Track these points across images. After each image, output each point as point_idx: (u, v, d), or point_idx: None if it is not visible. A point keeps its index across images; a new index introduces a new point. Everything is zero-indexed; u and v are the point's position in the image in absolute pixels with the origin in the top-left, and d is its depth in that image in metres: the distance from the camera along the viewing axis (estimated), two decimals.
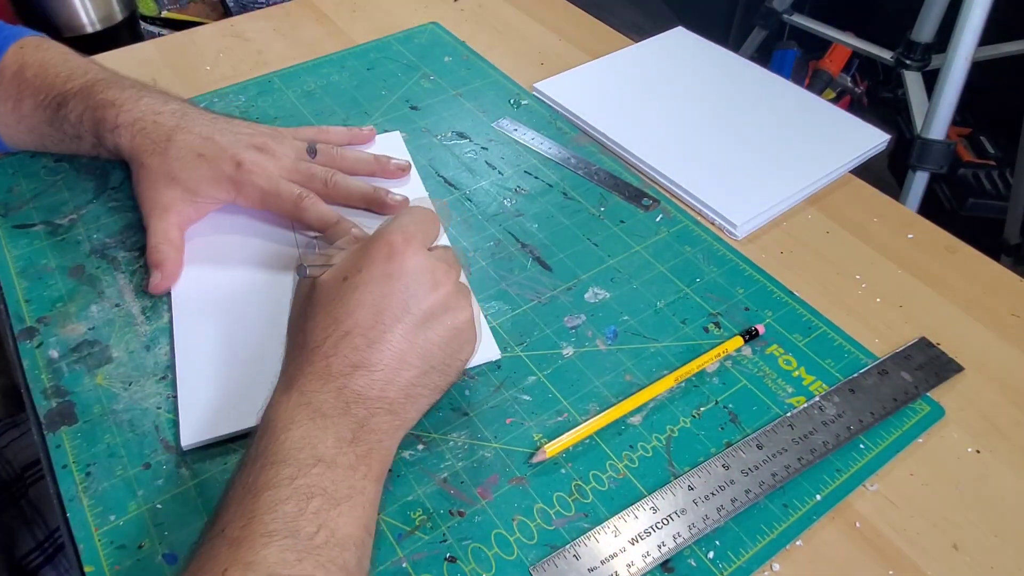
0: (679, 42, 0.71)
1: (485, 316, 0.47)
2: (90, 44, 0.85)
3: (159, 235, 0.48)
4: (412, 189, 0.56)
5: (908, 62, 1.30)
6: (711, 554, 0.36)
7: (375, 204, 0.52)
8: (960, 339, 0.47)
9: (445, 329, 0.37)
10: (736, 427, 0.42)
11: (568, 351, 0.45)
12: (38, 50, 0.54)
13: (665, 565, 0.36)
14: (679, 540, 0.36)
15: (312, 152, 0.53)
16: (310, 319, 0.37)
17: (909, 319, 0.48)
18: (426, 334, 0.37)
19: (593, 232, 0.53)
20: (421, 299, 0.37)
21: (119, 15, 0.87)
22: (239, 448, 0.40)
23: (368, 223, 0.49)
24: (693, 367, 0.44)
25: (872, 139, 0.60)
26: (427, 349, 0.37)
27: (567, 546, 0.36)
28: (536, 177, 0.57)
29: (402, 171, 0.56)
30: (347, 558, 0.31)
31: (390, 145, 0.59)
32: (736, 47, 1.60)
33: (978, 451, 0.41)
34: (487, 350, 0.44)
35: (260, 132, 0.52)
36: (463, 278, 0.41)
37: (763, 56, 1.69)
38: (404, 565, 0.36)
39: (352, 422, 0.34)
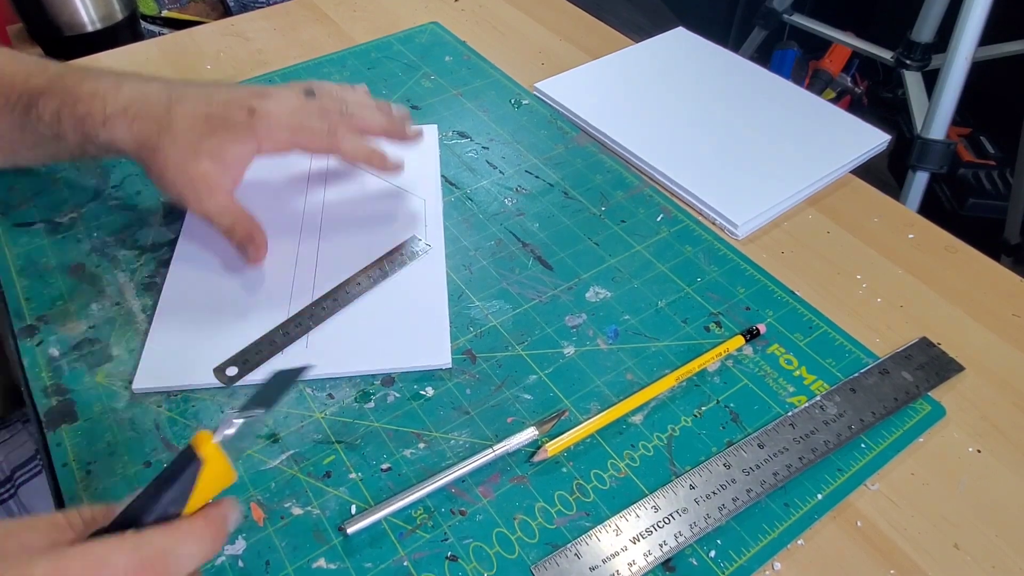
0: (679, 42, 0.71)
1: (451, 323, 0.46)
2: (90, 43, 0.85)
3: (225, 215, 0.47)
4: (430, 186, 0.56)
5: (908, 62, 1.31)
6: (712, 553, 0.36)
7: (395, 132, 0.51)
8: (960, 339, 0.47)
9: None
10: (737, 426, 0.42)
11: (569, 350, 0.45)
12: None
13: (666, 564, 0.36)
14: (680, 539, 0.36)
15: (310, 95, 0.50)
16: None
17: (909, 319, 0.48)
18: None
19: (594, 231, 0.53)
20: None
21: (119, 14, 0.87)
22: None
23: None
24: (694, 366, 0.44)
25: (872, 139, 0.60)
26: None
27: (568, 545, 0.36)
28: (537, 176, 0.57)
29: (414, 136, 0.53)
30: None
31: (424, 137, 0.59)
32: (736, 47, 1.61)
33: (978, 451, 0.41)
34: (439, 354, 0.44)
35: (252, 87, 0.49)
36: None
37: (763, 56, 1.69)
38: (405, 564, 0.36)
39: None
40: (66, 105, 0.46)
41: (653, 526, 0.37)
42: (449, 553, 0.36)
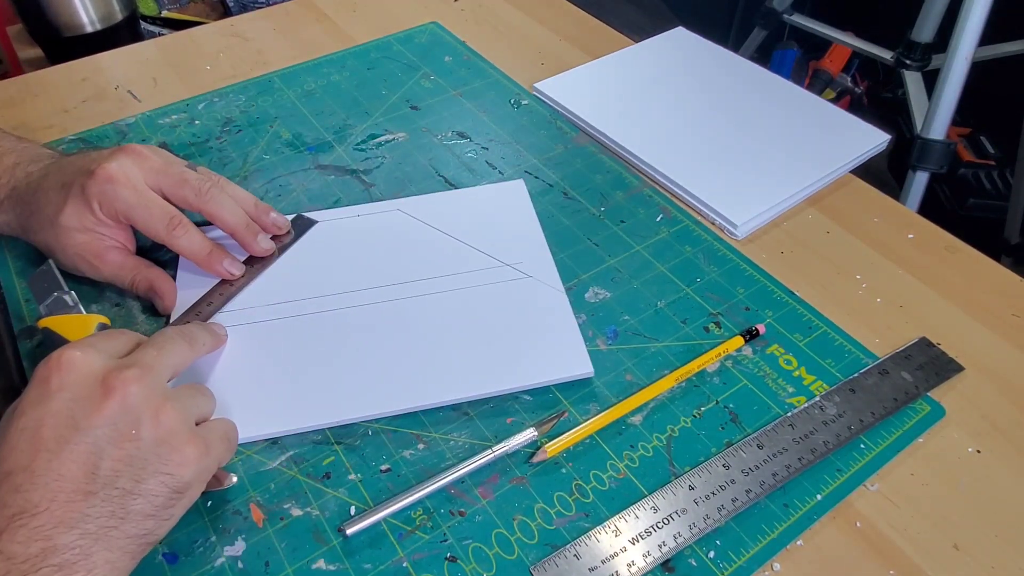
0: (679, 42, 0.71)
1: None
2: (90, 44, 0.85)
3: (122, 274, 0.45)
4: (532, 244, 0.51)
5: (908, 62, 1.31)
6: (712, 554, 0.36)
7: (243, 236, 0.47)
8: (960, 339, 0.47)
9: (131, 440, 0.31)
10: (737, 427, 0.42)
11: None
12: None
13: (666, 565, 0.36)
14: (680, 540, 0.36)
15: (191, 168, 0.46)
16: None
17: (909, 319, 0.48)
18: (105, 451, 0.31)
19: (593, 232, 0.53)
20: (89, 411, 0.31)
21: (119, 15, 0.87)
22: (242, 448, 0.40)
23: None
24: (693, 367, 0.44)
25: (872, 139, 0.60)
26: (111, 468, 0.31)
27: (568, 546, 0.36)
28: (536, 177, 0.57)
29: (276, 228, 0.49)
30: None
31: (512, 194, 0.55)
32: (736, 47, 1.61)
33: (978, 451, 0.41)
34: (580, 364, 0.44)
35: (128, 145, 0.45)
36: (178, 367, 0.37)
37: (763, 56, 1.69)
38: (405, 564, 0.36)
39: None
40: None
41: (652, 527, 0.37)
42: (448, 554, 0.36)
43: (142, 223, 0.44)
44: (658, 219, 0.54)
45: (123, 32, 0.88)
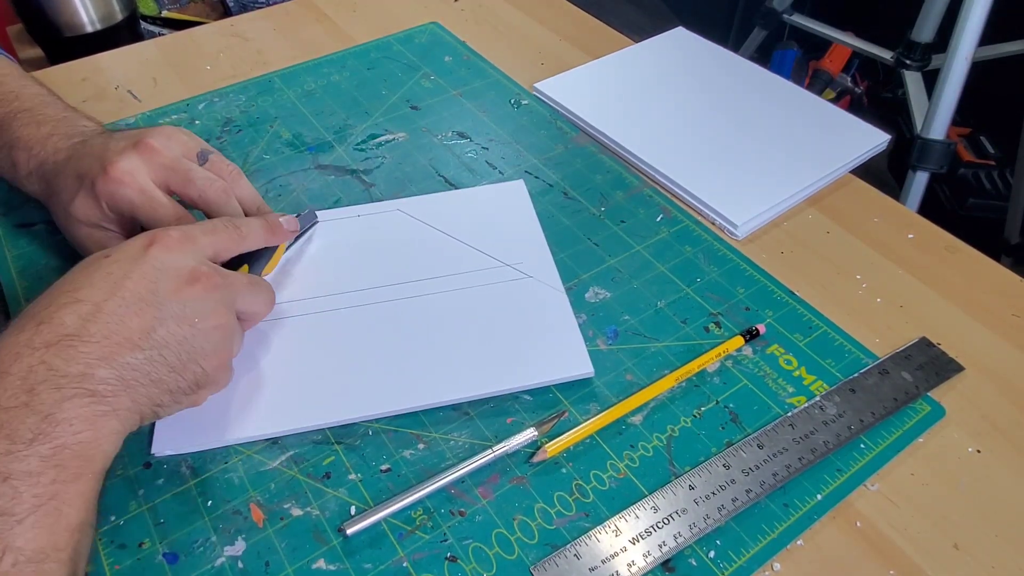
0: (679, 42, 0.71)
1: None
2: (90, 44, 0.85)
3: None
4: (532, 244, 0.51)
5: (908, 62, 1.31)
6: (712, 553, 0.36)
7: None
8: (960, 339, 0.47)
9: (191, 326, 0.35)
10: (737, 427, 0.42)
11: None
12: None
13: (666, 564, 0.36)
14: (680, 539, 0.36)
15: (203, 159, 0.46)
16: (56, 285, 0.35)
17: (909, 319, 0.48)
18: (167, 323, 0.34)
19: (593, 232, 0.53)
20: (171, 287, 0.35)
21: (119, 15, 0.87)
22: (242, 448, 0.40)
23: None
24: (694, 367, 0.44)
25: (872, 139, 0.60)
26: (164, 337, 0.34)
27: (568, 545, 0.36)
28: (536, 177, 0.57)
29: (277, 230, 0.46)
30: (47, 569, 0.28)
31: (512, 194, 0.55)
32: (736, 47, 1.61)
33: (978, 451, 0.41)
34: (581, 364, 0.44)
35: (149, 129, 0.45)
36: (246, 305, 0.39)
37: (763, 56, 1.69)
38: (405, 564, 0.36)
39: (33, 415, 0.30)
40: (5, 147, 0.48)
41: (652, 527, 0.37)
42: (449, 554, 0.36)
43: (148, 223, 0.44)
44: (658, 219, 0.54)
45: (123, 32, 0.88)
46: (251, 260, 0.43)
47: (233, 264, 0.42)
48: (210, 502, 0.38)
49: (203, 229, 0.40)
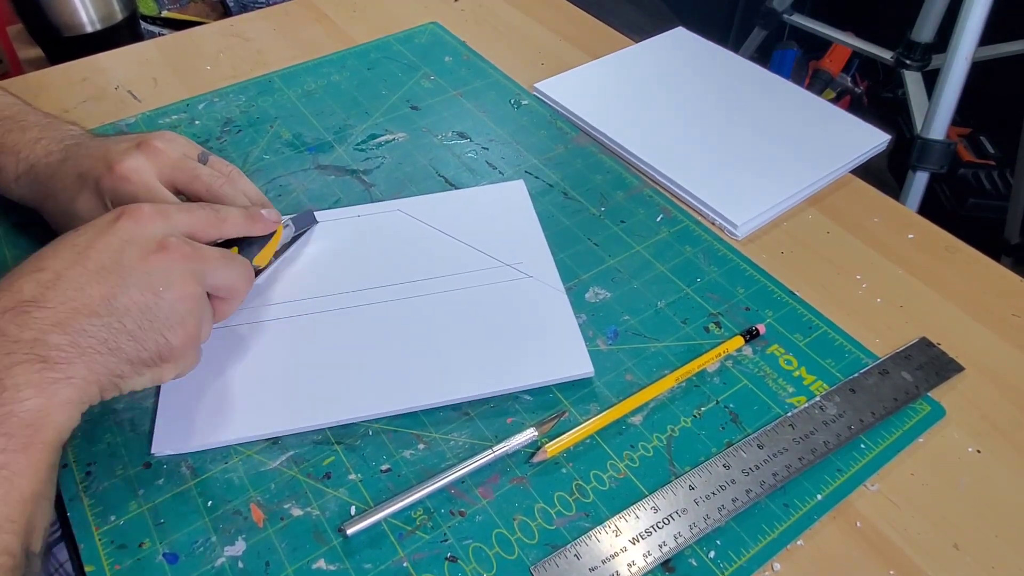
0: (679, 42, 0.71)
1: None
2: (90, 44, 0.85)
3: None
4: (532, 244, 0.51)
5: (908, 62, 1.31)
6: (712, 553, 0.36)
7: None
8: (960, 339, 0.47)
9: (155, 294, 0.35)
10: (737, 427, 0.42)
11: None
12: None
13: (666, 565, 0.36)
14: (680, 540, 0.36)
15: (203, 160, 0.46)
16: (25, 260, 0.34)
17: (909, 319, 0.48)
18: (129, 290, 0.34)
19: (594, 232, 0.53)
20: (137, 256, 0.35)
21: (119, 15, 0.87)
22: (243, 448, 0.40)
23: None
24: (694, 367, 0.44)
25: (872, 139, 0.60)
26: (125, 304, 0.34)
27: (568, 546, 0.36)
28: (536, 177, 0.57)
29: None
30: (3, 540, 0.28)
31: (512, 194, 0.55)
32: (736, 47, 1.61)
33: (978, 451, 0.41)
34: (580, 363, 0.43)
35: (149, 133, 0.46)
36: (219, 279, 0.39)
37: (763, 56, 1.69)
38: (405, 565, 0.36)
39: None
40: None
41: (652, 527, 0.37)
42: (449, 554, 0.36)
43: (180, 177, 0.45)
44: (658, 219, 0.54)
45: (123, 32, 0.88)
46: (242, 248, 0.43)
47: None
48: (210, 502, 0.38)
49: (179, 207, 0.39)
